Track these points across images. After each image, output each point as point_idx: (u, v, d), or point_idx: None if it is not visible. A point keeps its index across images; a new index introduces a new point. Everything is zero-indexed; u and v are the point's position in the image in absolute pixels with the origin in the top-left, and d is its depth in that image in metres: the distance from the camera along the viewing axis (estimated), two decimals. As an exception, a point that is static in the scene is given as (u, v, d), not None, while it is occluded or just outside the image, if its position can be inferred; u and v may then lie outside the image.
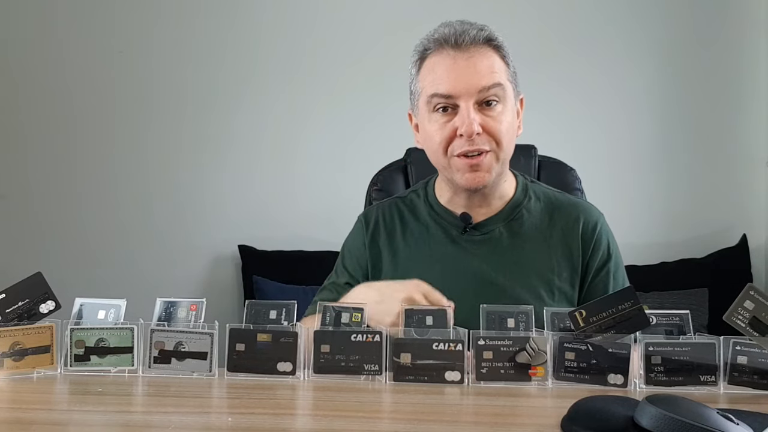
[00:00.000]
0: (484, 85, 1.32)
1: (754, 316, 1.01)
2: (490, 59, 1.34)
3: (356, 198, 1.77)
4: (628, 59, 3.27)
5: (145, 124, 3.29)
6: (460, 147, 1.34)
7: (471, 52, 1.33)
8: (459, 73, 1.33)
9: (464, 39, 1.33)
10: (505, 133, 1.35)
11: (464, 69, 1.33)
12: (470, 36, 1.33)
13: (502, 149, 1.36)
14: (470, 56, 1.33)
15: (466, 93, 1.32)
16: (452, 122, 1.34)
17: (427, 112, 1.38)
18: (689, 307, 1.16)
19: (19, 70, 3.28)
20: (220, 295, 3.21)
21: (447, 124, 1.35)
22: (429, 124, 1.38)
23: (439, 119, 1.36)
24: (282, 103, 3.28)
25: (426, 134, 1.40)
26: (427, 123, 1.38)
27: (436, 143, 1.37)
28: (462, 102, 1.33)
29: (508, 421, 0.92)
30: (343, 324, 1.12)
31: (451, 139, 1.35)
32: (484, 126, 1.33)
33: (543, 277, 1.40)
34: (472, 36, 1.33)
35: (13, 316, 1.12)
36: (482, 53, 1.34)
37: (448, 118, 1.35)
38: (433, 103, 1.35)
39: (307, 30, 3.28)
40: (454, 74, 1.33)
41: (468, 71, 1.32)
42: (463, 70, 1.33)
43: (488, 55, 1.34)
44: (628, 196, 3.22)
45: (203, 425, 0.90)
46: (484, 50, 1.34)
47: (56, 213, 3.26)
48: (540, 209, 1.45)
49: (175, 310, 1.14)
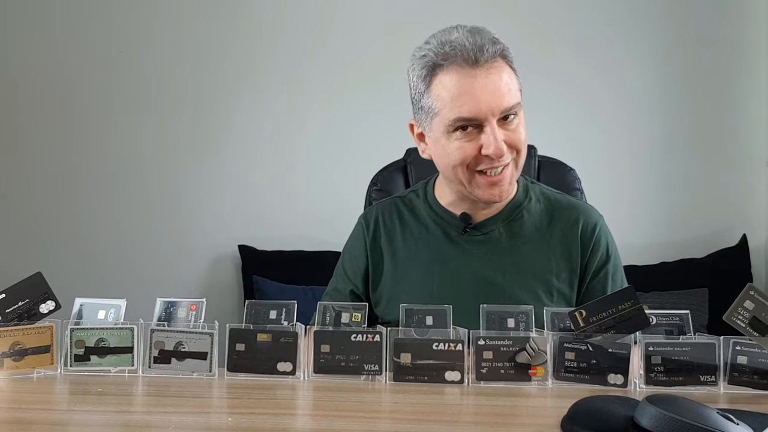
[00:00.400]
0: (506, 106, 1.30)
1: (754, 316, 1.01)
2: (506, 74, 1.31)
3: (356, 198, 1.77)
4: (628, 59, 3.27)
5: (145, 124, 3.29)
6: (485, 165, 1.33)
7: (488, 69, 1.29)
8: (481, 95, 1.29)
9: (483, 55, 1.28)
10: (524, 142, 1.35)
11: (484, 89, 1.29)
12: (489, 53, 1.29)
13: (521, 157, 1.36)
14: (488, 74, 1.29)
15: (490, 114, 1.29)
16: (475, 141, 1.31)
17: (443, 132, 1.34)
18: (689, 307, 1.16)
19: (19, 70, 3.28)
20: (220, 295, 3.21)
21: (469, 143, 1.32)
22: (448, 143, 1.34)
23: (460, 138, 1.32)
24: (281, 102, 3.28)
25: (442, 151, 1.36)
26: (444, 141, 1.34)
27: (456, 161, 1.33)
28: (486, 124, 1.30)
29: (508, 421, 0.92)
30: (343, 324, 1.12)
31: (473, 157, 1.32)
32: (507, 141, 1.32)
33: (542, 278, 1.39)
34: (490, 53, 1.29)
35: (13, 316, 1.12)
36: (498, 68, 1.30)
37: (470, 137, 1.32)
38: (455, 125, 1.32)
39: (306, 29, 3.28)
40: (476, 96, 1.29)
41: (488, 90, 1.29)
42: (483, 90, 1.29)
43: (503, 70, 1.31)
44: (628, 196, 3.22)
45: (203, 425, 0.90)
46: (499, 65, 1.31)
47: (56, 213, 3.26)
48: (540, 210, 1.45)
49: (175, 310, 1.14)
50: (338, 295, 1.48)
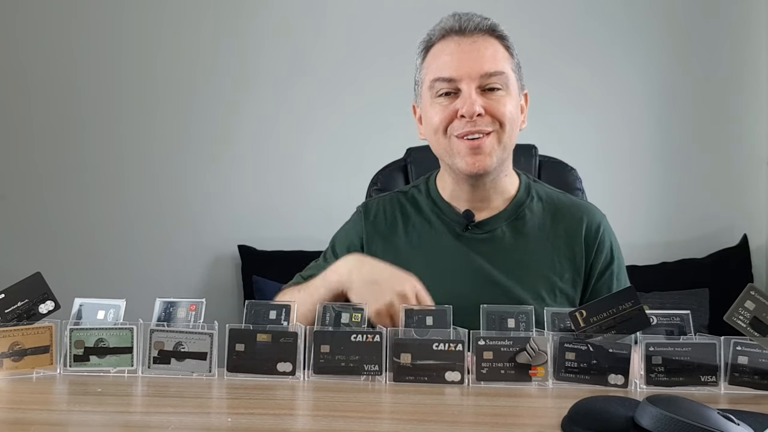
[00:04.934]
0: (487, 70, 1.32)
1: (755, 316, 1.01)
2: (494, 47, 1.35)
3: (356, 198, 1.77)
4: (628, 59, 3.27)
5: (145, 125, 3.29)
6: (461, 128, 1.33)
7: (475, 38, 1.34)
8: (462, 57, 1.33)
9: (468, 25, 1.34)
10: (509, 116, 1.34)
11: (467, 53, 1.33)
12: (474, 22, 1.34)
13: (505, 131, 1.34)
14: (474, 41, 1.34)
15: (468, 77, 1.32)
16: (453, 104, 1.34)
17: (429, 98, 1.37)
18: (690, 308, 1.16)
19: (19, 70, 3.27)
20: (219, 295, 3.20)
21: (448, 106, 1.35)
22: (430, 108, 1.37)
23: (441, 102, 1.36)
24: (282, 104, 3.28)
25: (427, 119, 1.39)
26: (428, 108, 1.38)
27: (436, 124, 1.36)
28: (464, 85, 1.33)
29: (508, 422, 0.92)
30: (343, 324, 1.12)
31: (451, 119, 1.34)
32: (486, 108, 1.32)
33: (545, 278, 1.39)
34: (476, 22, 1.35)
35: (13, 317, 1.12)
36: (486, 41, 1.35)
37: (450, 101, 1.35)
38: (435, 88, 1.35)
39: (309, 31, 3.28)
40: (456, 57, 1.33)
41: (471, 56, 1.33)
42: (466, 54, 1.33)
43: (492, 44, 1.35)
44: (628, 196, 3.21)
45: (203, 426, 0.90)
46: (489, 39, 1.35)
47: (56, 213, 3.26)
48: (542, 210, 1.44)
49: (175, 310, 1.14)
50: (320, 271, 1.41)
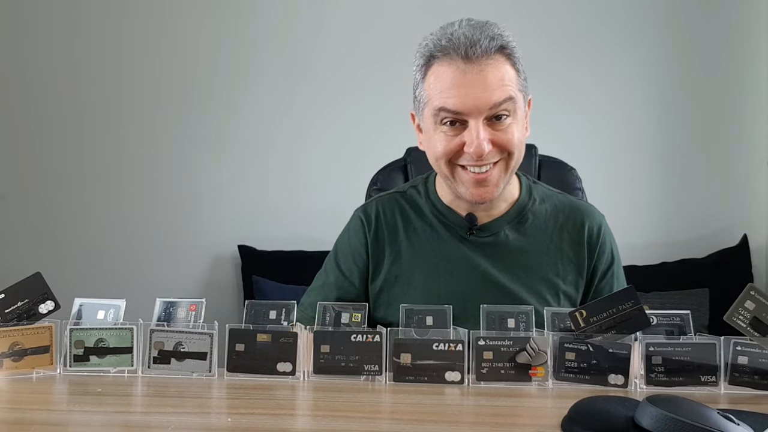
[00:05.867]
0: (495, 101, 1.26)
1: (755, 316, 1.01)
2: (501, 70, 1.27)
3: (356, 198, 1.77)
4: (628, 59, 3.27)
5: (145, 124, 3.29)
6: (466, 160, 1.30)
7: (482, 65, 1.25)
8: (469, 89, 1.25)
9: (475, 51, 1.25)
10: (517, 143, 1.31)
11: (474, 84, 1.25)
12: (482, 48, 1.25)
13: (513, 159, 1.32)
14: (481, 70, 1.26)
15: (476, 110, 1.26)
16: (460, 137, 1.29)
17: (432, 123, 1.32)
18: (690, 308, 1.16)
19: (19, 70, 3.27)
20: (219, 295, 3.21)
21: (454, 138, 1.29)
22: (435, 134, 1.32)
23: (446, 131, 1.30)
24: (282, 103, 3.28)
25: (430, 143, 1.34)
26: (432, 132, 1.33)
27: (439, 153, 1.32)
28: (471, 119, 1.27)
29: (508, 422, 0.92)
30: (343, 324, 1.12)
31: (456, 152, 1.30)
32: (494, 140, 1.28)
33: (549, 281, 1.39)
34: (484, 48, 1.25)
35: (13, 317, 1.12)
36: (493, 65, 1.26)
37: (456, 132, 1.29)
38: (440, 116, 1.29)
39: (309, 29, 3.28)
40: (463, 90, 1.26)
41: (478, 86, 1.25)
42: (472, 86, 1.25)
43: (499, 66, 1.27)
44: (628, 196, 3.22)
45: (203, 426, 0.90)
46: (496, 61, 1.27)
47: (56, 213, 3.26)
48: (544, 212, 1.44)
49: (175, 310, 1.14)
50: (327, 289, 1.45)
